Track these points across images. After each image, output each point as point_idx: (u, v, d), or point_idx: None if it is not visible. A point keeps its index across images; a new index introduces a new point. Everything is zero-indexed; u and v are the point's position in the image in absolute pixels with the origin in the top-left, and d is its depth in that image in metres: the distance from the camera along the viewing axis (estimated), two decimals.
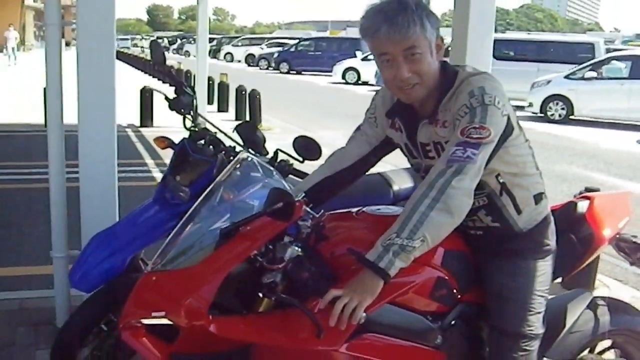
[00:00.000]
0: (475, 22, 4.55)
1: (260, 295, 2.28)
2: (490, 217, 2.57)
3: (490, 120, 2.29)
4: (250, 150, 3.35)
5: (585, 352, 3.19)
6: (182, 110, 3.73)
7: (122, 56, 40.25)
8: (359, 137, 2.79)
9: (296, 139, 3.22)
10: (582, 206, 3.05)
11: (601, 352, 3.31)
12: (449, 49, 3.57)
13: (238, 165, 2.59)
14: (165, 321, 2.19)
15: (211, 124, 3.90)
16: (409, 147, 2.62)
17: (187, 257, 2.33)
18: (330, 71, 33.37)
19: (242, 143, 3.47)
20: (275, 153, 3.45)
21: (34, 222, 6.77)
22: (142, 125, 14.21)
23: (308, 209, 2.38)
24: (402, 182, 4.00)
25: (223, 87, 17.87)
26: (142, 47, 58.93)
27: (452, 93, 2.41)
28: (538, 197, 2.61)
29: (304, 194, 2.59)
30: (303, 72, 38.28)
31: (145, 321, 2.24)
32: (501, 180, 2.49)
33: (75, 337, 3.36)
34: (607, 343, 3.30)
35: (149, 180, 8.70)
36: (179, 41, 65.14)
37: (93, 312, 3.37)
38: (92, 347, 3.39)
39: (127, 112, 14.41)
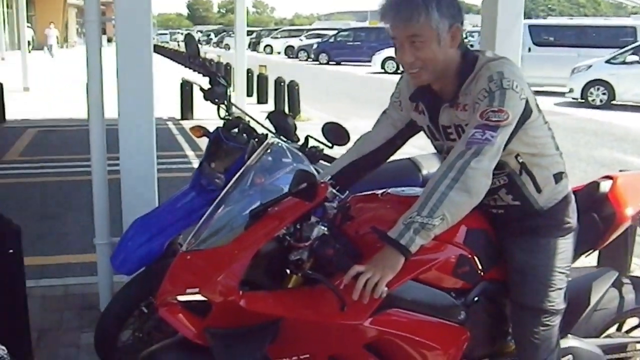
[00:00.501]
0: (504, 7, 4.57)
1: (288, 272, 2.40)
2: (510, 196, 2.65)
3: (509, 104, 2.37)
4: (281, 137, 3.45)
5: (613, 330, 3.25)
6: (217, 100, 3.84)
7: (161, 50, 40.68)
8: (384, 120, 2.89)
9: (325, 125, 3.31)
10: (605, 186, 3.10)
11: (629, 331, 3.37)
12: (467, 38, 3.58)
13: (268, 150, 2.70)
14: (199, 297, 2.31)
15: (244, 112, 4.01)
16: (431, 130, 2.71)
17: (219, 237, 2.45)
18: (370, 61, 33.31)
19: (274, 130, 3.57)
20: (306, 139, 3.54)
21: (78, 214, 6.98)
22: (182, 118, 14.44)
23: (334, 191, 2.47)
24: (431, 167, 4.05)
25: (262, 79, 18.01)
26: (178, 41, 59.48)
27: (472, 78, 2.49)
28: (558, 177, 2.67)
29: (329, 177, 2.70)
30: (342, 63, 38.24)
31: (181, 298, 2.36)
32: (520, 160, 2.57)
33: (117, 319, 3.51)
34: (634, 321, 3.35)
35: (188, 172, 8.76)
36: (212, 35, 65.36)
37: (133, 295, 3.50)
38: (133, 328, 3.53)
39: (168, 105, 14.65)
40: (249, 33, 51.76)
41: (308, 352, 2.46)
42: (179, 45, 43.01)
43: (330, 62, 38.90)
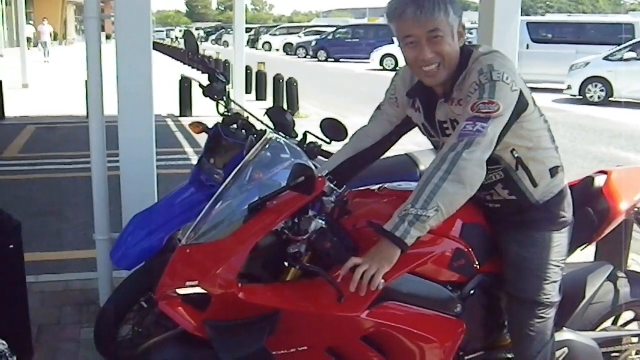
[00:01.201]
0: (501, 4, 4.59)
1: (287, 265, 2.43)
2: (507, 191, 2.68)
3: (499, 95, 2.39)
4: (280, 133, 3.47)
5: (609, 323, 3.27)
6: (216, 97, 3.87)
7: (159, 47, 40.67)
8: (380, 116, 2.92)
9: (323, 121, 3.33)
10: (600, 180, 3.14)
11: (624, 325, 3.39)
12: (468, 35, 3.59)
13: (267, 146, 2.74)
14: (198, 290, 2.34)
15: (242, 108, 4.05)
16: (426, 127, 2.74)
17: (218, 231, 2.48)
18: (368, 58, 33.30)
19: (272, 126, 3.59)
20: (305, 135, 3.57)
21: (78, 210, 7.00)
22: (181, 115, 14.48)
23: (332, 186, 2.52)
24: (428, 162, 4.03)
25: (261, 76, 18.03)
26: (172, 38, 61.15)
27: (466, 72, 2.52)
28: (554, 171, 2.70)
29: (327, 173, 2.74)
30: (341, 60, 38.19)
31: (180, 291, 2.39)
32: (516, 155, 2.59)
33: (117, 314, 3.53)
34: (630, 316, 3.38)
35: (188, 168, 8.76)
36: (201, 32, 65.78)
37: (133, 290, 3.53)
38: (133, 323, 3.56)
39: (167, 102, 14.66)
40: (248, 30, 51.66)
41: (306, 344, 2.49)
42: (172, 41, 43.14)
43: (329, 59, 38.87)
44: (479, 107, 2.38)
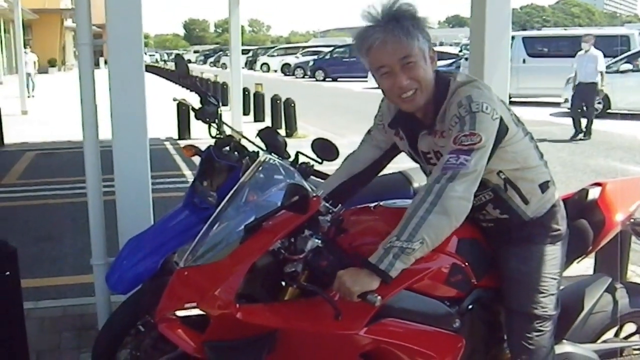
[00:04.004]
0: (492, 21, 4.60)
1: (284, 284, 2.45)
2: (498, 210, 2.70)
3: (480, 126, 2.41)
4: (272, 153, 3.48)
5: (610, 335, 3.26)
6: (208, 119, 3.88)
7: (153, 69, 41.12)
8: (369, 141, 2.98)
9: (314, 141, 3.35)
10: (594, 192, 3.16)
11: (627, 337, 3.38)
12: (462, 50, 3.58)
13: (260, 168, 2.76)
14: (197, 312, 2.36)
15: (235, 130, 4.05)
16: (412, 155, 2.79)
17: (215, 253, 2.51)
18: (366, 76, 33.36)
19: (264, 148, 3.60)
20: (296, 156, 3.58)
21: (77, 235, 6.99)
22: (180, 138, 14.50)
23: (327, 205, 2.55)
24: (422, 180, 4.08)
25: (258, 97, 18.11)
26: (158, 60, 68.65)
27: (446, 104, 2.54)
28: (544, 186, 2.72)
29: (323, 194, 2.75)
30: (339, 79, 38.31)
31: (179, 313, 2.40)
32: (503, 177, 2.62)
33: (114, 338, 3.51)
34: (632, 328, 3.37)
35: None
36: (195, 54, 67.41)
37: (130, 314, 3.51)
38: (130, 347, 3.53)
39: (166, 125, 14.69)
40: (246, 52, 52.01)
41: None
42: (157, 61, 44.32)
43: (327, 79, 38.99)
44: (461, 139, 2.40)
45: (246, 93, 18.22)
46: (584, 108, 14.35)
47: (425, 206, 2.34)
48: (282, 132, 14.51)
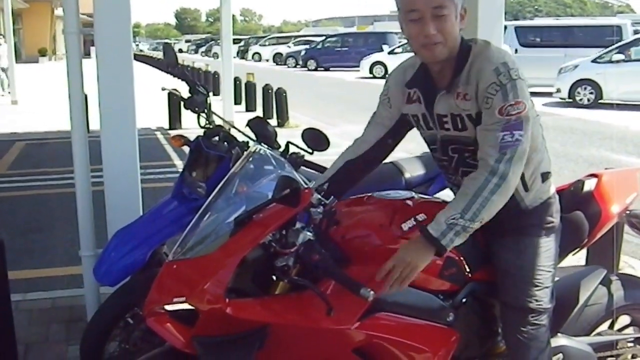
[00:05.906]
0: (485, 11, 4.56)
1: (275, 278, 2.39)
2: None
3: (522, 94, 2.42)
4: (262, 144, 3.44)
5: (604, 328, 3.24)
6: (197, 109, 3.83)
7: (142, 58, 41.24)
8: (374, 121, 2.88)
9: (304, 131, 3.30)
10: (590, 184, 3.13)
11: (620, 330, 3.36)
12: None
13: (251, 158, 2.70)
14: (186, 306, 2.30)
15: (224, 120, 4.00)
16: (425, 118, 2.69)
17: (204, 246, 2.44)
18: (358, 66, 33.36)
19: (254, 138, 3.55)
20: (287, 146, 3.53)
21: (65, 226, 6.94)
22: (170, 128, 14.42)
23: (319, 197, 2.49)
24: (413, 170, 4.09)
25: (250, 87, 18.03)
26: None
27: (470, 66, 2.49)
28: (545, 176, 2.70)
29: (326, 181, 2.73)
30: (331, 69, 38.24)
31: (168, 307, 2.34)
32: None
33: (102, 331, 3.46)
34: (626, 320, 3.34)
35: None
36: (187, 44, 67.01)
37: (118, 306, 3.47)
38: (119, 340, 3.50)
39: (157, 115, 14.62)
40: (237, 41, 51.86)
41: (296, 358, 2.46)
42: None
43: (319, 68, 38.87)
44: (507, 109, 2.40)
45: (237, 83, 18.15)
46: None
47: (490, 187, 2.38)
48: (274, 121, 14.49)
